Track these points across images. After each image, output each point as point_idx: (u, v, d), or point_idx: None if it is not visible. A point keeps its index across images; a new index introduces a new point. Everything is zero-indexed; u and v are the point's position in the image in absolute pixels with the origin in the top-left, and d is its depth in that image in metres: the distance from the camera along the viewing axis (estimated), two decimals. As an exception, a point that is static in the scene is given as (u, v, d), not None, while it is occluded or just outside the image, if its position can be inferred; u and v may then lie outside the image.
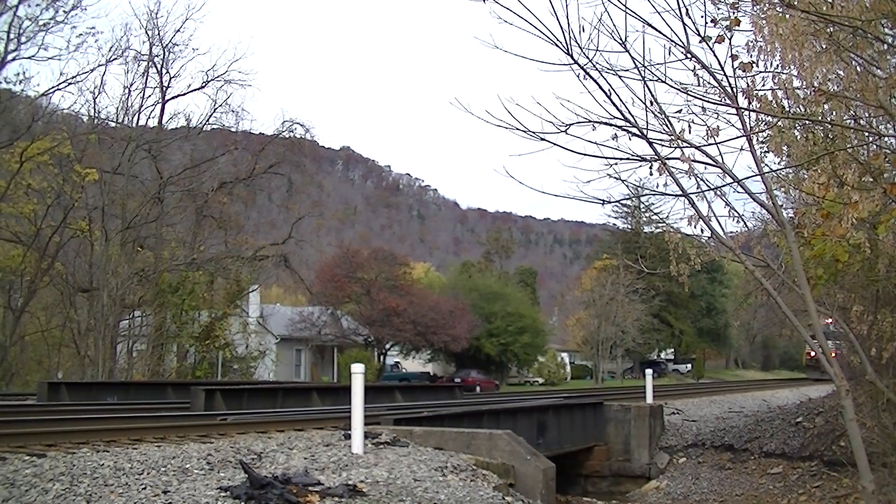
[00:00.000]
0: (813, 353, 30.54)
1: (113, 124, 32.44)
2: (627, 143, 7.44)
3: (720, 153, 7.63)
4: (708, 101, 7.59)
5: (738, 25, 7.35)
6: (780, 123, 8.00)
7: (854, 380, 12.08)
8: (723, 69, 7.49)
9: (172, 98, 34.17)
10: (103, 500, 6.95)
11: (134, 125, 32.31)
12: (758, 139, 8.15)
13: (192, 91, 34.58)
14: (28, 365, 31.43)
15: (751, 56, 7.59)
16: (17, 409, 14.58)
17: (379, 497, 8.00)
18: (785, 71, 7.61)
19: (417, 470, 9.34)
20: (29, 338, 31.24)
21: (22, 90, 29.23)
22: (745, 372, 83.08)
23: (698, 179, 7.88)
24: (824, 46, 7.33)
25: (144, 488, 7.35)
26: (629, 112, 7.31)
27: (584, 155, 7.14)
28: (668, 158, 7.50)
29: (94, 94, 35.37)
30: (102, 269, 27.91)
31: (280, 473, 8.33)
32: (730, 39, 7.39)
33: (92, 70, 33.60)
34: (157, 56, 32.62)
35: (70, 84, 29.31)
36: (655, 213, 41.96)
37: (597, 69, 7.08)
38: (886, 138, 8.33)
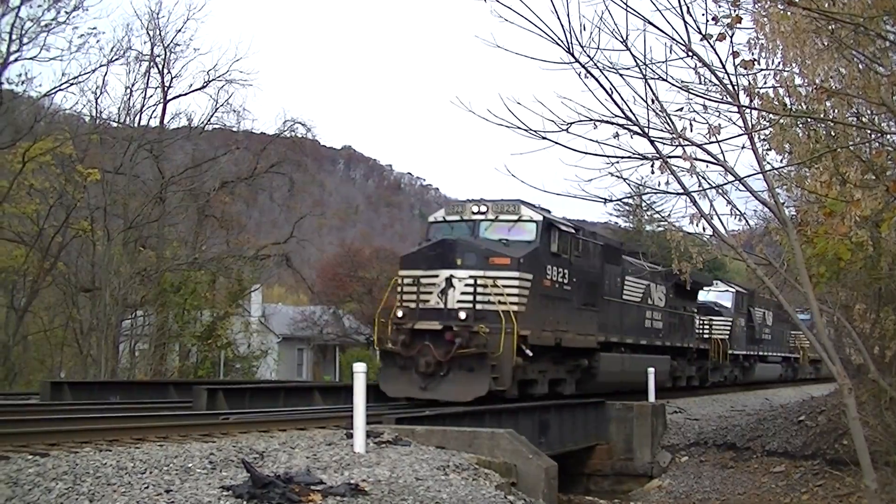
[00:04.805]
0: None
1: (115, 124, 32.33)
2: (629, 142, 7.47)
3: (722, 151, 7.65)
4: (709, 100, 7.60)
5: (740, 23, 7.35)
6: (781, 121, 7.99)
7: (857, 378, 12.07)
8: (724, 67, 7.49)
9: (174, 98, 33.97)
10: (106, 499, 6.95)
11: (136, 125, 32.20)
12: (759, 137, 8.14)
13: (193, 91, 34.36)
14: (31, 364, 31.41)
15: (752, 54, 7.59)
16: (20, 408, 14.55)
17: (381, 496, 8.00)
18: (787, 68, 7.61)
19: (419, 469, 9.34)
20: (32, 337, 31.24)
21: (24, 91, 29.10)
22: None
23: (700, 178, 7.88)
24: (826, 44, 7.31)
25: (147, 487, 7.36)
26: (630, 110, 7.33)
27: (586, 153, 7.16)
28: (670, 157, 7.51)
29: (95, 94, 35.04)
30: (105, 269, 27.86)
31: (282, 472, 8.32)
32: (731, 37, 7.39)
33: (94, 70, 32.94)
34: (158, 56, 32.49)
35: (72, 84, 29.13)
36: (657, 212, 41.66)
37: (598, 67, 7.11)
38: (889, 136, 8.33)
